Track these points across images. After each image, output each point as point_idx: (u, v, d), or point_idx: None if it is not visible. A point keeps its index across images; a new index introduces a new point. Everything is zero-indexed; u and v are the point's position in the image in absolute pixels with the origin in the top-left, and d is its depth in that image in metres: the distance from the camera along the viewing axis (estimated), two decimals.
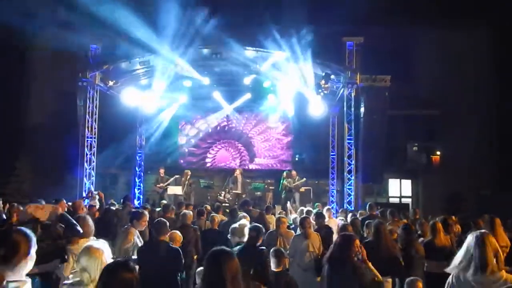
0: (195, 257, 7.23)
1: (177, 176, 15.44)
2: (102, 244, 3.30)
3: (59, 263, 4.93)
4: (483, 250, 3.43)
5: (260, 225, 5.86)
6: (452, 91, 19.24)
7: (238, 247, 5.64)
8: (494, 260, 3.45)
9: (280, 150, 19.52)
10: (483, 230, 3.73)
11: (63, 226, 5.07)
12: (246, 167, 18.88)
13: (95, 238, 4.75)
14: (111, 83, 13.84)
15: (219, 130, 19.71)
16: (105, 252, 3.21)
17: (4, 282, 2.47)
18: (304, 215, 8.12)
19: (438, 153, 20.37)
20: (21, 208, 6.58)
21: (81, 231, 4.89)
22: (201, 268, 3.93)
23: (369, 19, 16.97)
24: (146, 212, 6.59)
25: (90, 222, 4.92)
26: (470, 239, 3.55)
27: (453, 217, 8.40)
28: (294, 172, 15.11)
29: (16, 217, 6.49)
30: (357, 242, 4.69)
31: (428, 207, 17.63)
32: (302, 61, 12.98)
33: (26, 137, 20.22)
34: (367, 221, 7.56)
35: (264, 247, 5.50)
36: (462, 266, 3.49)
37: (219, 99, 17.39)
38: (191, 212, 8.12)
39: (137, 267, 3.69)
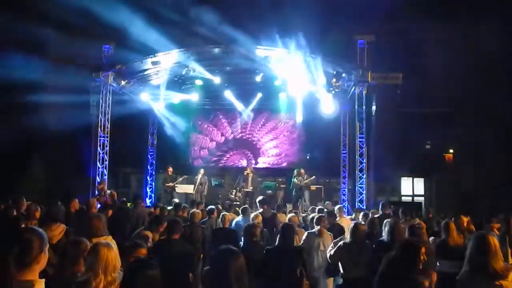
0: (201, 255, 7.25)
1: (186, 176, 15.52)
2: (108, 243, 3.33)
3: None
4: (482, 251, 3.38)
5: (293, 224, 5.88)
6: (466, 88, 19.02)
7: (269, 247, 5.67)
8: (496, 262, 3.33)
9: (291, 148, 19.49)
10: (483, 231, 3.69)
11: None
12: (257, 165, 18.89)
13: (109, 236, 4.80)
14: (123, 82, 13.97)
15: (235, 139, 19.73)
16: (112, 251, 3.23)
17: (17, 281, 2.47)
18: (318, 213, 8.10)
19: (451, 151, 20.17)
20: (39, 208, 6.65)
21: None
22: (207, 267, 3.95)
23: (380, 16, 16.86)
24: (163, 218, 6.62)
25: (103, 220, 4.94)
26: (471, 240, 3.51)
27: (466, 216, 8.31)
28: (303, 170, 15.09)
29: (35, 217, 6.53)
30: (423, 250, 3.88)
31: (441, 206, 17.48)
32: (313, 59, 12.95)
33: (38, 136, 20.45)
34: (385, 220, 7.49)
35: (303, 246, 5.52)
36: (466, 270, 3.44)
37: (231, 99, 17.40)
38: (199, 211, 8.11)
39: None
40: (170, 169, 15.66)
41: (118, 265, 3.28)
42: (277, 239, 5.66)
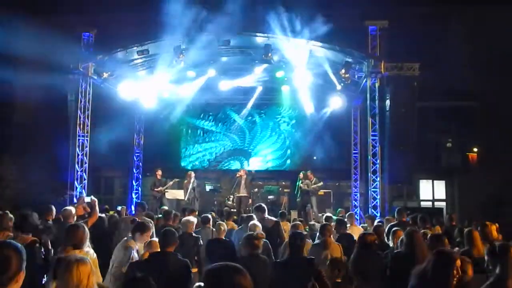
0: (194, 270, 7.22)
1: (177, 179, 15.49)
2: (82, 257, 3.32)
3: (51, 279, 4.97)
4: (502, 263, 3.39)
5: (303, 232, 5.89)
6: (491, 79, 19.00)
7: (279, 260, 5.73)
8: None
9: (296, 148, 19.51)
10: (503, 242, 3.70)
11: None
12: (257, 167, 18.90)
13: (90, 249, 4.79)
14: (105, 75, 13.92)
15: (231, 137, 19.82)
16: (85, 266, 3.22)
17: None
18: (324, 221, 8.10)
19: (476, 149, 20.16)
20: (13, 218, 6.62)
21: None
22: (200, 284, 3.92)
23: None
24: (152, 225, 6.61)
25: (84, 231, 4.92)
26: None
27: (492, 223, 8.31)
28: (310, 173, 15.07)
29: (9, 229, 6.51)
30: (459, 262, 3.87)
31: (465, 212, 17.45)
32: (320, 48, 12.94)
33: (8, 136, 20.41)
34: (393, 229, 7.49)
35: (313, 257, 5.53)
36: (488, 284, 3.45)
37: (228, 93, 17.41)
38: (193, 219, 8.06)
39: None
40: (159, 172, 15.63)
41: (92, 281, 3.26)
42: (282, 250, 5.67)
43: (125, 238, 6.26)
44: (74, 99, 13.90)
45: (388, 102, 13.58)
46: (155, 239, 6.39)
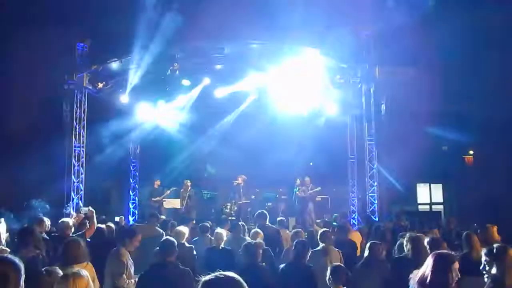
0: None
1: (174, 188, 15.45)
2: (78, 272, 3.30)
3: None
4: (498, 266, 3.38)
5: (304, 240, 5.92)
6: (487, 83, 19.08)
7: (282, 265, 5.76)
8: None
9: (292, 154, 19.46)
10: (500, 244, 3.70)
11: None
12: (254, 173, 18.86)
13: (88, 264, 4.75)
14: (100, 85, 13.92)
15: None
16: (82, 280, 3.20)
17: None
18: (324, 228, 8.10)
19: (472, 152, 20.21)
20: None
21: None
22: None
23: (388, 3, 16.91)
24: (137, 229, 6.57)
25: (81, 245, 4.87)
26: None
27: (492, 225, 8.31)
28: (307, 179, 15.06)
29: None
30: (457, 265, 3.91)
31: (463, 215, 17.46)
32: (313, 53, 12.97)
33: (4, 147, 20.31)
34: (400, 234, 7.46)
35: (312, 264, 5.54)
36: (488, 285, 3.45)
37: (222, 101, 17.37)
38: (184, 229, 7.97)
39: None
40: (158, 182, 15.61)
41: None
42: (284, 255, 5.68)
43: (115, 248, 6.17)
44: (69, 110, 13.83)
45: (383, 106, 13.60)
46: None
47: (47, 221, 8.03)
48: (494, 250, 3.89)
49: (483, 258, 3.65)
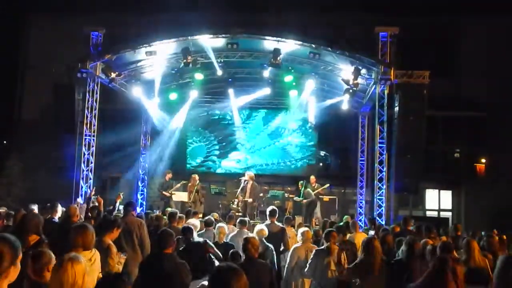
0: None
1: (184, 182, 15.53)
2: (76, 256, 3.32)
3: None
4: (504, 277, 3.38)
5: None
6: (501, 89, 18.96)
7: None
8: None
9: (302, 153, 19.50)
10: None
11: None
12: (261, 172, 18.93)
13: (96, 252, 4.78)
14: (113, 75, 13.94)
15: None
16: (79, 265, 3.23)
17: None
18: (329, 228, 8.12)
19: (484, 160, 20.08)
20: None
21: None
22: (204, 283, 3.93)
23: (405, 6, 16.86)
24: (119, 219, 6.53)
25: (91, 231, 4.85)
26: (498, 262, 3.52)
27: (499, 234, 8.29)
28: (313, 178, 15.07)
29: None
30: (460, 269, 4.22)
31: (472, 222, 17.38)
32: (329, 53, 12.97)
33: (18, 134, 20.58)
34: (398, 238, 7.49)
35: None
36: None
37: (233, 97, 17.51)
38: (195, 222, 8.06)
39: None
40: (170, 175, 15.68)
41: (87, 282, 3.27)
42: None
43: (96, 238, 6.10)
44: (82, 98, 13.91)
45: (396, 109, 13.52)
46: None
47: (60, 208, 8.14)
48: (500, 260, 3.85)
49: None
